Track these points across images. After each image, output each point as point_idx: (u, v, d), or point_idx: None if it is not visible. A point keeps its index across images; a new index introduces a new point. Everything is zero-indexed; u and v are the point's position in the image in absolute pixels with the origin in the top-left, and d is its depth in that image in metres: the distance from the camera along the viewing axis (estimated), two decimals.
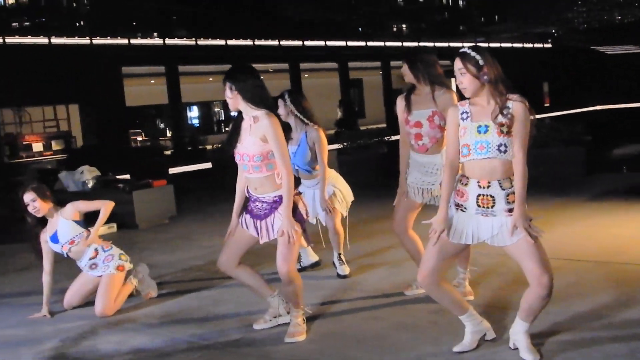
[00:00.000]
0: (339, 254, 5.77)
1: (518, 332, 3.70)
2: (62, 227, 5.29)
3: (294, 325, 4.31)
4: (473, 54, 3.54)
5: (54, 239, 5.31)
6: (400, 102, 4.73)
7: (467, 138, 3.58)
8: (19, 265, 7.29)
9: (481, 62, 3.52)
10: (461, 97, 3.80)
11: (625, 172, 12.27)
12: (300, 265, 5.93)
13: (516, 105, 3.52)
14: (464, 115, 3.62)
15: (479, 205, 3.58)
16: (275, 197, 4.20)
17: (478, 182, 3.57)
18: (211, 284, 5.84)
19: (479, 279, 5.18)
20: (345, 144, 13.25)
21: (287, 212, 4.12)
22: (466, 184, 3.62)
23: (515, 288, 4.91)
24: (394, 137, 13.32)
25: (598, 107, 40.17)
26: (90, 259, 5.36)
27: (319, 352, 4.05)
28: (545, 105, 45.01)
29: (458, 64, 3.57)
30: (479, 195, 3.57)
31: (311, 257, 6.05)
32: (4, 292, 6.19)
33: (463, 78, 3.57)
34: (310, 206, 5.67)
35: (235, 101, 4.17)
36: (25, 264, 7.33)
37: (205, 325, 4.74)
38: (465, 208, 3.62)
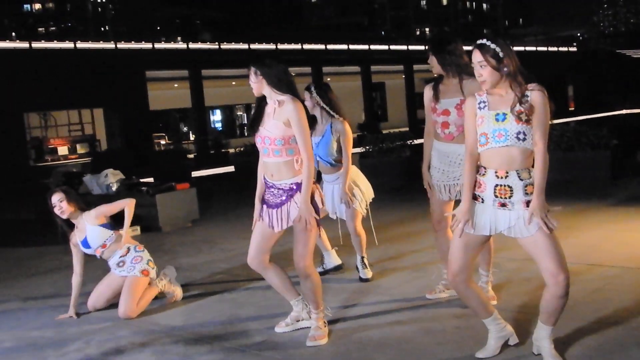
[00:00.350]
0: (362, 257, 5.75)
1: (541, 338, 3.65)
2: (91, 234, 5.36)
3: (315, 328, 4.30)
4: (493, 45, 3.50)
5: (85, 244, 5.38)
6: (427, 91, 4.73)
7: (485, 127, 3.56)
8: (45, 268, 7.37)
9: (501, 54, 3.48)
10: None
11: None
12: (322, 268, 5.92)
13: (534, 94, 3.49)
14: (482, 105, 3.61)
15: (496, 196, 3.55)
16: (292, 184, 4.16)
17: (496, 172, 3.54)
18: (234, 287, 5.86)
19: (503, 283, 5.14)
20: (367, 147, 13.23)
21: (306, 197, 4.09)
22: (484, 174, 3.59)
23: (540, 293, 4.86)
24: (416, 141, 13.29)
25: (624, 111, 39.77)
26: (121, 256, 5.43)
27: (342, 356, 4.04)
28: (570, 109, 44.66)
29: (477, 56, 3.53)
30: (497, 185, 3.54)
31: (334, 260, 6.04)
32: (30, 294, 6.25)
33: (483, 70, 3.53)
34: (330, 202, 5.64)
35: (259, 86, 4.17)
36: (51, 266, 7.41)
37: (227, 327, 4.76)
38: (482, 199, 3.60)
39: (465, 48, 4.68)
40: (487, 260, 4.76)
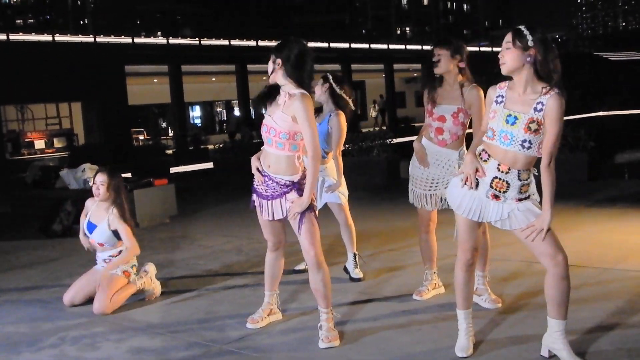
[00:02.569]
0: (355, 254, 5.70)
1: (556, 339, 3.57)
2: (101, 230, 5.39)
3: (327, 329, 4.17)
4: (526, 32, 3.43)
5: (90, 227, 5.43)
6: (426, 94, 4.73)
7: (495, 123, 3.55)
8: (20, 262, 7.29)
9: (530, 43, 3.42)
10: (485, 92, 3.81)
11: (627, 179, 12.26)
12: (305, 265, 5.89)
13: (551, 101, 3.42)
14: (499, 99, 3.58)
15: (491, 187, 3.55)
16: (288, 181, 4.13)
17: (498, 164, 3.53)
18: (211, 284, 5.84)
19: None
20: (347, 146, 13.24)
21: (308, 192, 4.06)
22: (486, 161, 3.58)
23: (515, 292, 4.90)
24: (395, 140, 13.33)
25: (601, 113, 40.13)
26: (110, 255, 5.45)
27: (318, 354, 4.04)
28: None
29: (507, 37, 3.49)
30: (495, 177, 3.55)
31: None
32: (5, 288, 6.18)
33: (506, 52, 3.48)
34: (317, 192, 5.61)
35: (275, 75, 4.13)
36: (26, 261, 7.33)
37: (205, 324, 4.74)
38: (476, 185, 3.59)
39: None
40: (483, 261, 4.69)
